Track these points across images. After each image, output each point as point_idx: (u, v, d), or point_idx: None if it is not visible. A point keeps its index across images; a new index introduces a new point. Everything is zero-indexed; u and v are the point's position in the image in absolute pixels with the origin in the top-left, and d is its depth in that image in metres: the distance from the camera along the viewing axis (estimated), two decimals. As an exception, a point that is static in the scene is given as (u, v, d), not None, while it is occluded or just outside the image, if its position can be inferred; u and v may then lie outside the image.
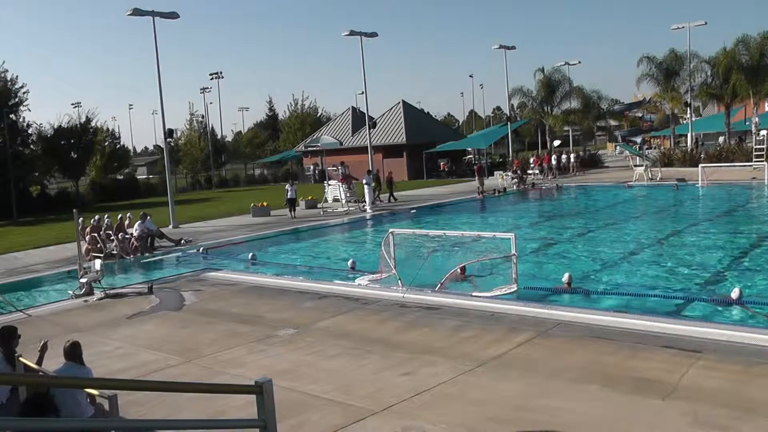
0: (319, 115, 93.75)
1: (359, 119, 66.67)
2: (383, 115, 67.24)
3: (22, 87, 59.85)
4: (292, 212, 35.67)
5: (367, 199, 37.28)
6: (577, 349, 11.02)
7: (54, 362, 8.72)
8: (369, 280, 17.76)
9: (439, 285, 15.86)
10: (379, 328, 13.28)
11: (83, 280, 18.57)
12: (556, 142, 70.53)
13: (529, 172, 50.39)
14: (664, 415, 8.40)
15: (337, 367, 11.05)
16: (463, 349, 11.46)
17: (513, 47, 59.54)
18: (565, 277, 16.01)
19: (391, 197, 41.73)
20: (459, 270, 17.35)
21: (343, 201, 37.92)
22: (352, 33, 45.95)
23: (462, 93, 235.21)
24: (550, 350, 11.08)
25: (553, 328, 12.20)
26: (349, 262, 20.14)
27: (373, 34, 47.20)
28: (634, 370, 9.85)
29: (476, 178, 44.61)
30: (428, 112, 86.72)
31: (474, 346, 11.59)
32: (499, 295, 15.20)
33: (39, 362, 8.77)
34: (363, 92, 49.12)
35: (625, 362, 10.22)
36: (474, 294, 15.32)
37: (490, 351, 11.19)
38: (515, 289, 15.58)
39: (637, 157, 49.95)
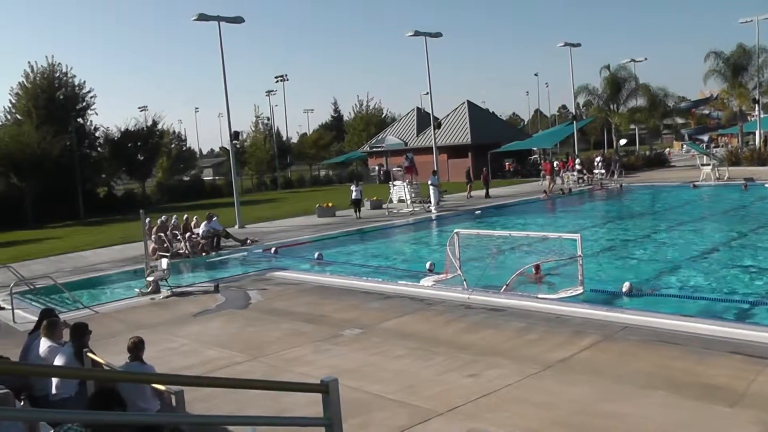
0: (383, 115, 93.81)
1: (424, 120, 66.52)
2: (448, 115, 66.99)
3: (89, 92, 61.60)
4: (357, 213, 35.74)
5: (432, 199, 37.11)
6: (643, 353, 10.80)
7: (120, 358, 8.81)
8: (434, 281, 17.65)
9: (504, 286, 15.68)
10: (444, 329, 13.19)
11: (150, 279, 18.87)
12: (622, 141, 69.36)
13: (595, 171, 49.57)
14: (731, 423, 8.19)
15: (402, 368, 11.00)
16: (529, 351, 11.32)
17: (578, 44, 58.56)
18: (626, 287, 15.51)
19: (486, 193, 42.77)
20: (534, 269, 17.15)
21: (408, 201, 37.85)
22: (417, 33, 45.79)
23: (527, 92, 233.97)
24: (615, 354, 10.88)
25: (618, 332, 11.97)
26: (428, 264, 19.52)
27: (438, 35, 46.97)
28: (701, 376, 9.61)
29: (547, 177, 44.19)
30: (493, 112, 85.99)
31: (539, 348, 11.44)
32: (565, 297, 14.95)
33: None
34: (428, 93, 49.06)
35: (692, 368, 9.97)
36: (539, 296, 15.10)
37: (555, 354, 11.03)
38: (581, 291, 15.30)
39: (704, 156, 48.71)
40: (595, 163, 50.58)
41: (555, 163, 49.65)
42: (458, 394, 9.55)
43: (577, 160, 51.58)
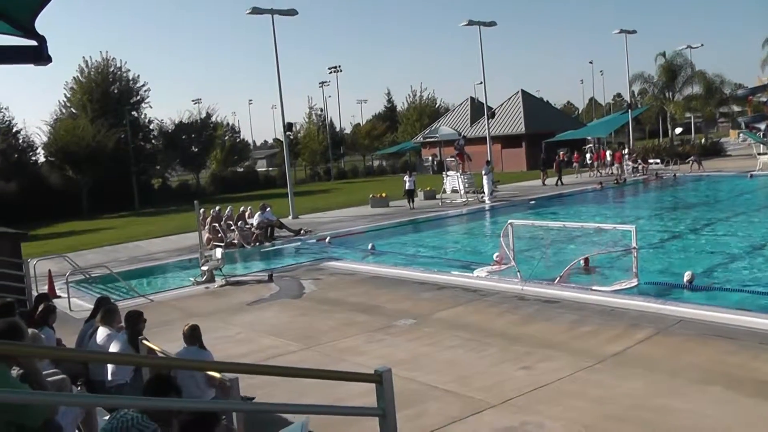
0: (437, 105, 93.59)
1: (478, 109, 66.18)
2: (502, 104, 66.49)
3: (143, 85, 62.68)
4: (411, 203, 35.69)
5: (485, 189, 36.89)
6: (699, 348, 10.56)
7: (175, 345, 8.89)
8: (487, 272, 17.54)
9: (558, 278, 15.51)
10: (498, 320, 13.10)
11: (204, 268, 19.07)
12: (678, 130, 68.01)
13: (650, 161, 48.81)
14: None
15: (455, 359, 10.95)
16: (583, 344, 11.18)
17: (634, 31, 57.64)
18: (687, 276, 15.24)
19: (559, 181, 42.91)
20: (583, 262, 16.95)
21: (462, 192, 37.70)
22: (471, 23, 45.51)
23: (582, 80, 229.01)
24: (670, 348, 10.66)
25: (674, 325, 11.73)
26: (495, 256, 18.76)
27: (492, 23, 46.61)
28: (758, 371, 9.38)
29: (614, 165, 43.84)
30: (547, 101, 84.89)
31: (593, 341, 11.29)
32: (619, 289, 14.72)
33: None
34: (481, 82, 48.77)
35: (748, 363, 9.73)
36: (593, 288, 14.89)
37: (609, 347, 10.86)
38: (636, 283, 15.06)
39: (762, 145, 47.51)
40: (625, 158, 49.13)
41: (588, 155, 49.16)
42: (511, 386, 9.48)
43: (608, 152, 50.98)
